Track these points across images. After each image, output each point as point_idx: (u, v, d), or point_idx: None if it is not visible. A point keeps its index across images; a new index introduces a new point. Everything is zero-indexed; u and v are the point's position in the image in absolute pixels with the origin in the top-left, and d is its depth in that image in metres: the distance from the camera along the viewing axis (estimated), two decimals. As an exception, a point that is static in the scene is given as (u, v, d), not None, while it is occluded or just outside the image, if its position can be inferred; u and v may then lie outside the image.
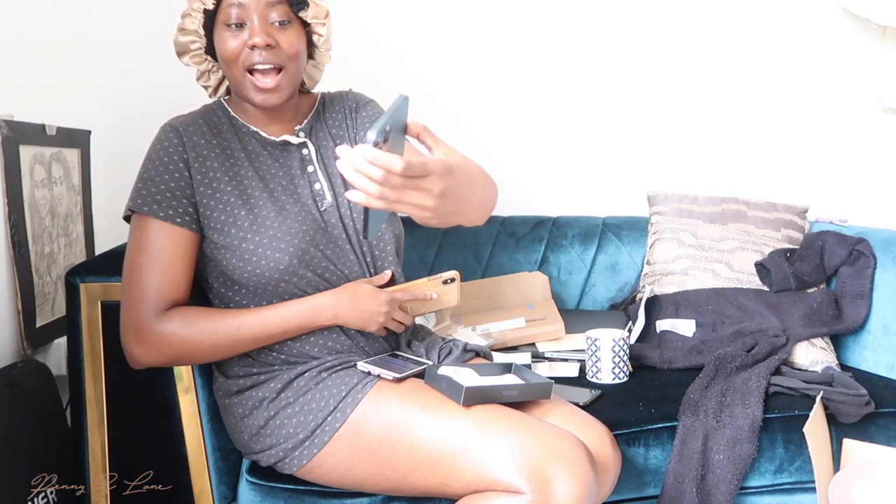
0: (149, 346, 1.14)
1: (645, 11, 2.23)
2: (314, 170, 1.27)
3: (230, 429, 1.25)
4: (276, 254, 1.17)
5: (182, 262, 1.17)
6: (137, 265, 1.15)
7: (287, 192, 1.23)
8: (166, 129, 1.22)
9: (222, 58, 1.21)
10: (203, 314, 1.16)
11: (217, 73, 1.30)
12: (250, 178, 1.22)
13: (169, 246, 1.16)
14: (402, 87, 2.17)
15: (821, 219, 1.98)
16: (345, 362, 1.21)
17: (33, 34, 1.52)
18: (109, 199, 1.82)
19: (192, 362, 1.20)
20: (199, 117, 1.26)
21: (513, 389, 1.16)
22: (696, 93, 2.25)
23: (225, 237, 1.18)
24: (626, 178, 2.25)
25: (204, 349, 1.15)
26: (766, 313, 1.69)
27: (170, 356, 1.15)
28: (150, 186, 1.17)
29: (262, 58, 1.18)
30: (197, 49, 1.26)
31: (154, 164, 1.18)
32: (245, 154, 1.25)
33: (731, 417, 1.36)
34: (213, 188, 1.20)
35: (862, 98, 2.24)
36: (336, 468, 1.14)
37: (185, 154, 1.19)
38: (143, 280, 1.14)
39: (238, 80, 1.21)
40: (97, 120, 1.75)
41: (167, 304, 1.15)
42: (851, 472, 1.30)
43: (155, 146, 1.20)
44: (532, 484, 1.02)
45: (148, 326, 1.13)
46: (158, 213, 1.15)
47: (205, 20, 1.22)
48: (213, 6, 1.20)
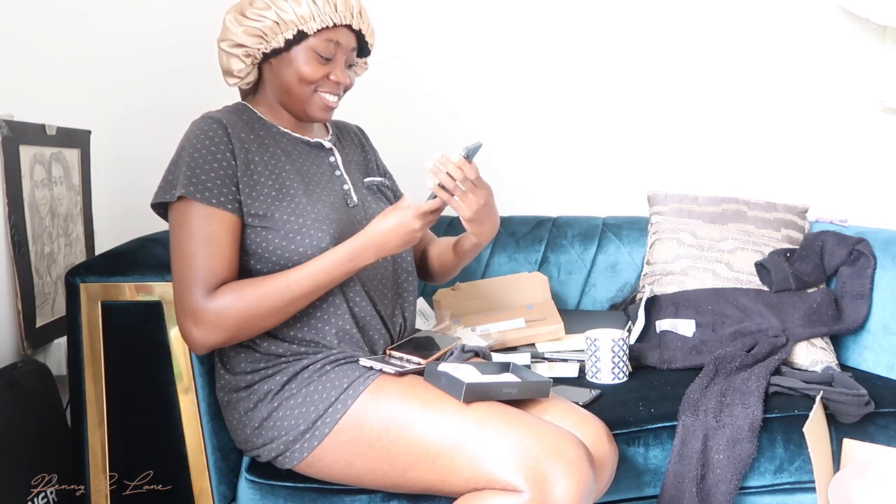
0: (207, 326, 1.15)
1: (645, 12, 2.23)
2: (341, 174, 1.33)
3: (232, 425, 1.25)
4: (318, 233, 1.21)
5: (233, 245, 1.19)
6: (189, 251, 1.16)
7: (320, 185, 1.29)
8: (208, 121, 1.22)
9: (299, 77, 1.25)
10: (252, 282, 1.18)
11: (252, 69, 1.30)
12: (288, 170, 1.26)
13: (220, 230, 1.18)
14: (403, 88, 2.18)
15: (821, 219, 1.98)
16: (349, 356, 1.23)
17: (33, 34, 1.53)
18: (109, 199, 1.83)
19: (252, 332, 1.19)
20: (232, 114, 1.28)
21: (512, 387, 1.17)
22: (696, 93, 2.25)
23: (268, 221, 1.21)
24: (626, 178, 2.25)
25: (262, 315, 1.16)
26: (765, 313, 1.69)
27: (231, 330, 1.16)
28: (200, 175, 1.18)
29: (334, 90, 1.29)
30: (256, 49, 1.26)
31: (201, 153, 1.19)
32: (281, 150, 1.28)
33: (730, 417, 1.36)
34: (254, 179, 1.22)
35: (862, 98, 2.24)
36: (336, 462, 1.15)
37: (231, 144, 1.21)
38: (196, 265, 1.16)
39: (305, 97, 1.27)
40: (97, 120, 1.75)
41: (218, 285, 1.17)
42: (851, 472, 1.30)
43: (199, 136, 1.20)
44: (530, 482, 1.02)
45: (202, 308, 1.15)
46: (210, 199, 1.17)
47: (294, 37, 1.24)
48: (312, 33, 1.24)
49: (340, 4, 1.25)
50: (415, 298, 1.39)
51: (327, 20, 1.23)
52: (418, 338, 1.35)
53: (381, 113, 2.00)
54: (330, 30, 1.25)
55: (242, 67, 1.28)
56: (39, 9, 1.55)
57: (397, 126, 2.09)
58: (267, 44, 1.25)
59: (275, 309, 1.17)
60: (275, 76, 1.28)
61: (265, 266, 1.22)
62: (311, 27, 1.23)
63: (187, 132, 1.22)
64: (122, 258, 1.33)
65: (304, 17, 1.23)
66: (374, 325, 1.28)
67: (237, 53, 1.26)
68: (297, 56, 1.25)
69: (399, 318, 1.34)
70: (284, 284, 1.17)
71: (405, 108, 2.18)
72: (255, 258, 1.22)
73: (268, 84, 1.31)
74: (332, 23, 1.24)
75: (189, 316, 1.16)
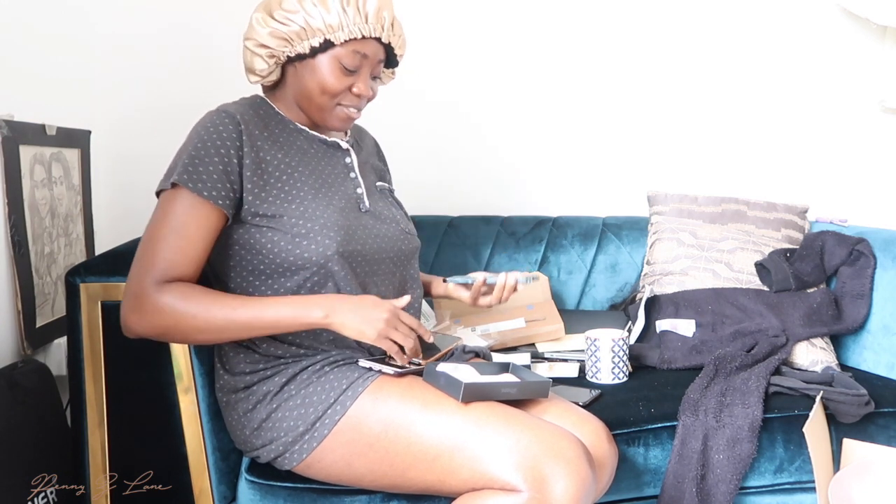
0: (142, 315, 1.12)
1: (645, 12, 2.23)
2: (355, 176, 1.31)
3: (231, 426, 1.25)
4: (325, 239, 1.19)
5: (203, 242, 1.16)
6: (157, 235, 1.15)
7: (333, 188, 1.26)
8: (222, 116, 1.19)
9: (321, 87, 1.22)
10: (202, 292, 1.15)
11: (275, 69, 1.28)
12: (301, 171, 1.24)
13: (197, 224, 1.15)
14: (404, 90, 2.17)
15: (821, 219, 1.98)
16: (348, 358, 1.22)
17: (33, 34, 1.53)
18: (109, 199, 1.83)
19: (182, 339, 1.17)
20: (249, 108, 1.25)
21: (511, 387, 1.17)
22: (696, 93, 2.25)
23: (276, 222, 1.19)
24: (626, 178, 2.25)
25: (196, 327, 1.13)
26: (765, 313, 1.69)
27: (161, 328, 1.13)
28: (199, 166, 1.15)
29: (356, 102, 1.26)
30: (281, 52, 1.23)
31: (206, 146, 1.17)
32: (295, 149, 1.27)
33: (730, 417, 1.36)
34: (264, 179, 1.20)
35: (862, 98, 2.25)
36: (335, 463, 1.15)
37: (240, 142, 1.19)
38: (158, 250, 1.13)
39: (325, 107, 1.24)
40: (97, 120, 1.75)
41: (172, 278, 1.14)
42: (851, 472, 1.30)
43: (208, 129, 1.18)
44: (529, 482, 1.02)
45: (146, 294, 1.12)
46: (202, 191, 1.15)
47: (321, 45, 1.21)
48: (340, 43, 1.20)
49: (372, 15, 1.20)
50: (420, 305, 1.38)
51: (356, 31, 1.20)
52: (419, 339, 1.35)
53: (380, 114, 2.00)
54: (358, 41, 1.21)
55: (265, 68, 1.25)
56: (39, 9, 1.55)
57: (398, 126, 2.09)
58: (292, 48, 1.22)
59: (211, 327, 1.13)
60: (297, 80, 1.25)
61: (268, 266, 1.21)
62: (339, 37, 1.19)
63: (199, 122, 1.20)
64: (122, 258, 1.33)
65: (332, 27, 1.19)
66: None
67: (261, 53, 1.24)
68: (322, 65, 1.22)
69: None
70: (230, 307, 1.13)
71: (405, 109, 2.18)
72: (259, 256, 1.21)
73: (289, 86, 1.28)
74: (360, 35, 1.20)
75: (132, 297, 1.13)
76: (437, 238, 1.98)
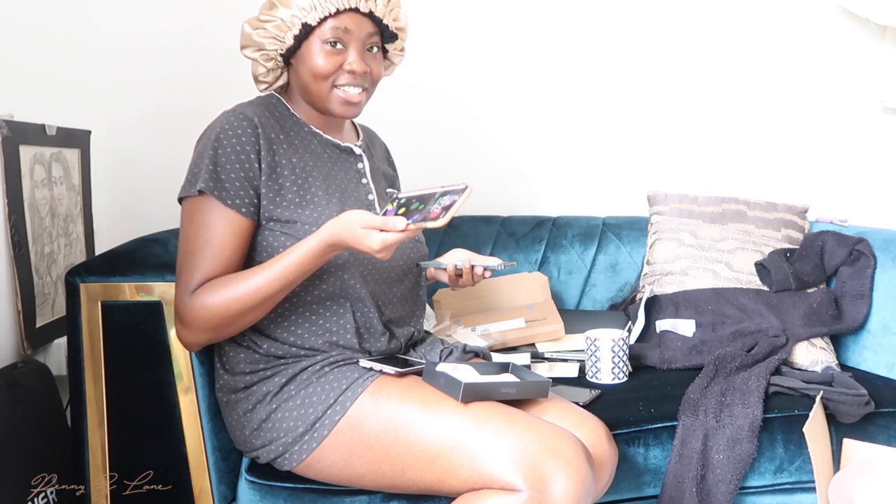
0: (188, 326, 1.15)
1: (645, 12, 2.23)
2: (367, 182, 1.33)
3: (231, 426, 1.25)
4: None
5: (236, 251, 1.17)
6: (191, 248, 1.16)
7: (346, 194, 1.27)
8: (239, 118, 1.20)
9: (312, 72, 1.22)
10: (222, 281, 1.15)
11: (278, 72, 1.29)
12: (315, 176, 1.25)
13: (227, 233, 1.16)
14: (403, 88, 2.18)
15: (821, 219, 1.98)
16: (348, 358, 1.22)
17: (33, 34, 1.53)
18: (109, 199, 1.83)
19: (233, 329, 1.17)
20: (265, 110, 1.25)
21: (511, 387, 1.17)
22: (696, 93, 2.25)
23: (290, 228, 1.19)
24: (626, 178, 2.25)
25: (236, 313, 1.14)
26: (765, 313, 1.69)
27: (209, 329, 1.15)
28: (221, 173, 1.16)
29: (354, 80, 1.24)
30: (273, 50, 1.25)
31: (226, 151, 1.17)
32: (310, 153, 1.27)
33: (730, 417, 1.36)
34: (279, 184, 1.21)
35: (862, 98, 2.24)
36: (335, 464, 1.15)
37: (258, 146, 1.19)
38: (194, 264, 1.15)
39: (323, 93, 1.24)
40: (97, 120, 1.75)
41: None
42: (851, 472, 1.30)
43: (227, 132, 1.18)
44: (529, 482, 1.02)
45: (183, 306, 1.15)
46: (226, 199, 1.16)
47: (301, 31, 1.22)
48: (316, 23, 1.21)
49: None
50: (424, 307, 1.39)
51: (329, 7, 1.20)
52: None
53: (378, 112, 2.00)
54: (333, 17, 1.21)
55: (265, 71, 1.28)
56: (39, 8, 1.55)
57: (398, 126, 2.09)
58: (281, 44, 1.23)
59: (249, 307, 1.14)
60: (296, 77, 1.27)
61: None
62: (314, 17, 1.20)
63: (215, 123, 1.20)
64: (122, 258, 1.33)
65: (305, 9, 1.20)
66: (376, 335, 1.27)
67: (256, 57, 1.26)
68: (308, 50, 1.23)
69: (411, 328, 1.33)
70: (254, 285, 1.13)
71: (404, 108, 2.18)
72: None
73: (294, 86, 1.30)
74: (333, 9, 1.20)
75: (177, 314, 1.16)
76: (437, 238, 1.98)
